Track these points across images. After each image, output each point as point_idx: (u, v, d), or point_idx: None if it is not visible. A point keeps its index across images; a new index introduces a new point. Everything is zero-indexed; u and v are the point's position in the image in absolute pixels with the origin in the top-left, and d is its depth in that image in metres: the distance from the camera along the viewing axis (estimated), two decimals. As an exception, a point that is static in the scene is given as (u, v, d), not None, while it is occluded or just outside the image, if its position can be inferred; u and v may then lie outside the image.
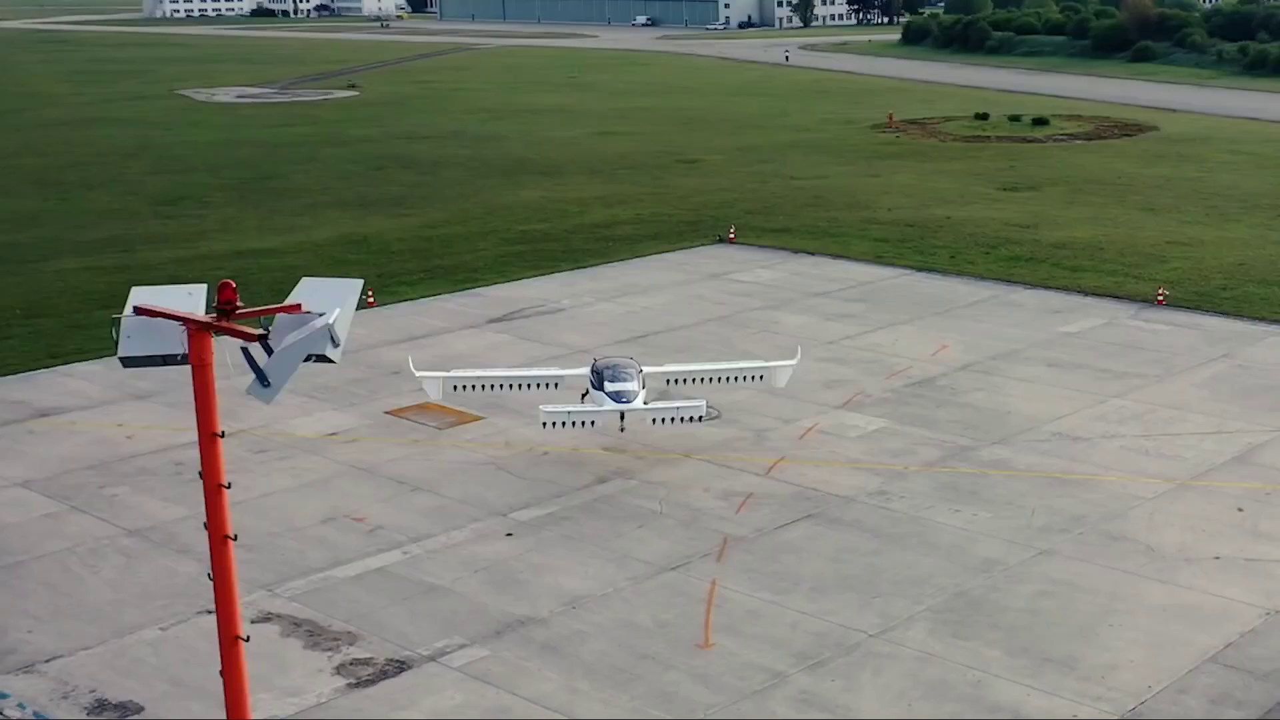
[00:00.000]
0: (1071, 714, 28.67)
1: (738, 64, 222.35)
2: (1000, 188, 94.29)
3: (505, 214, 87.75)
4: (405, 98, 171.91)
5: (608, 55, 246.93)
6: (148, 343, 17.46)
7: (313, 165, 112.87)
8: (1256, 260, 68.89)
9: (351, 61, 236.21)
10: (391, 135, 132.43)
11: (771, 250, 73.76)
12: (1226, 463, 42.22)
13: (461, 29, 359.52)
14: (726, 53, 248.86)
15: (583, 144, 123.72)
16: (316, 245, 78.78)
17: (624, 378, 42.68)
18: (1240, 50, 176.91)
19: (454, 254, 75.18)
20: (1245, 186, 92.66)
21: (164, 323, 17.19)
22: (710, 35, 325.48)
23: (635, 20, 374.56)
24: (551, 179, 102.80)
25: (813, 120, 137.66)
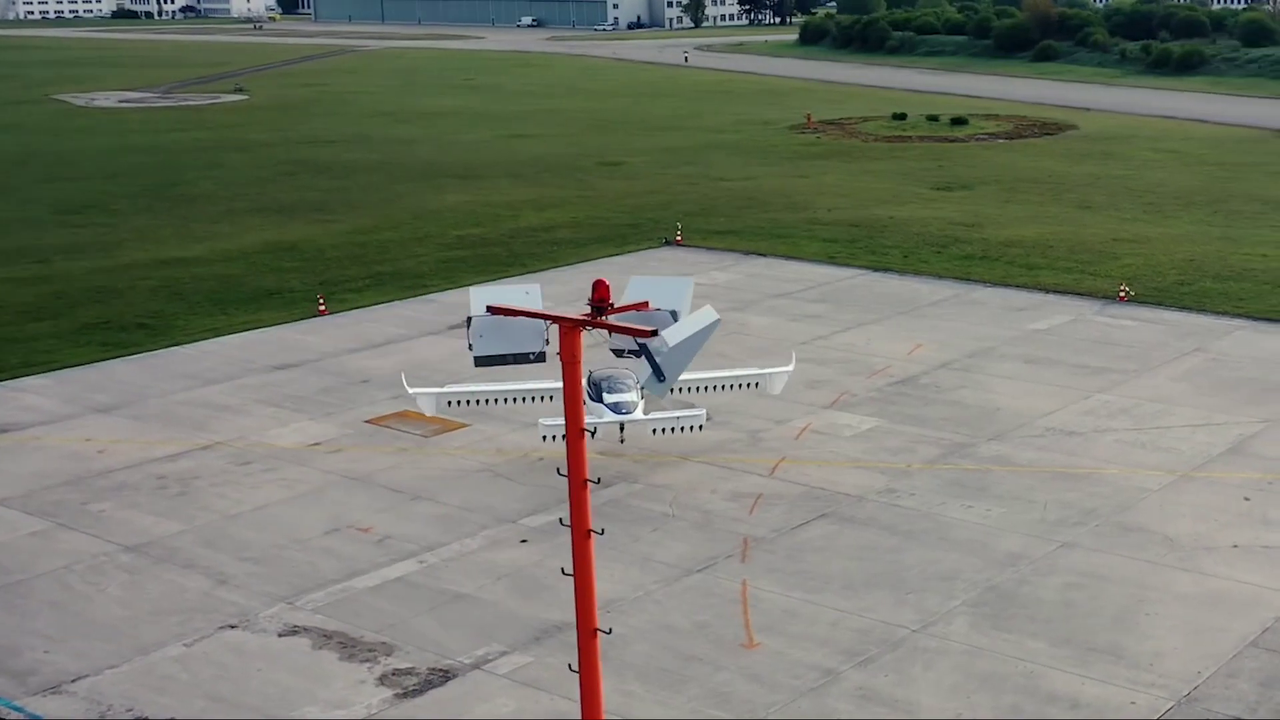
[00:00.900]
0: (1129, 700, 29.87)
1: (636, 65, 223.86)
2: (933, 187, 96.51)
3: (435, 219, 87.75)
4: (298, 101, 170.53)
5: (500, 57, 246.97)
6: (501, 342, 17.84)
7: (218, 171, 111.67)
8: (1206, 256, 71.55)
9: (232, 65, 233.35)
10: (294, 140, 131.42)
11: (721, 252, 74.81)
12: (1222, 454, 44.02)
13: (339, 30, 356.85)
14: (621, 54, 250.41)
15: (496, 147, 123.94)
16: (245, 253, 78.12)
17: (622, 389, 43.25)
18: (1143, 49, 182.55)
19: (393, 260, 75.08)
20: (1176, 184, 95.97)
21: (515, 321, 17.54)
22: (600, 36, 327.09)
23: (520, 21, 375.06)
24: (473, 183, 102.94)
25: (727, 121, 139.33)
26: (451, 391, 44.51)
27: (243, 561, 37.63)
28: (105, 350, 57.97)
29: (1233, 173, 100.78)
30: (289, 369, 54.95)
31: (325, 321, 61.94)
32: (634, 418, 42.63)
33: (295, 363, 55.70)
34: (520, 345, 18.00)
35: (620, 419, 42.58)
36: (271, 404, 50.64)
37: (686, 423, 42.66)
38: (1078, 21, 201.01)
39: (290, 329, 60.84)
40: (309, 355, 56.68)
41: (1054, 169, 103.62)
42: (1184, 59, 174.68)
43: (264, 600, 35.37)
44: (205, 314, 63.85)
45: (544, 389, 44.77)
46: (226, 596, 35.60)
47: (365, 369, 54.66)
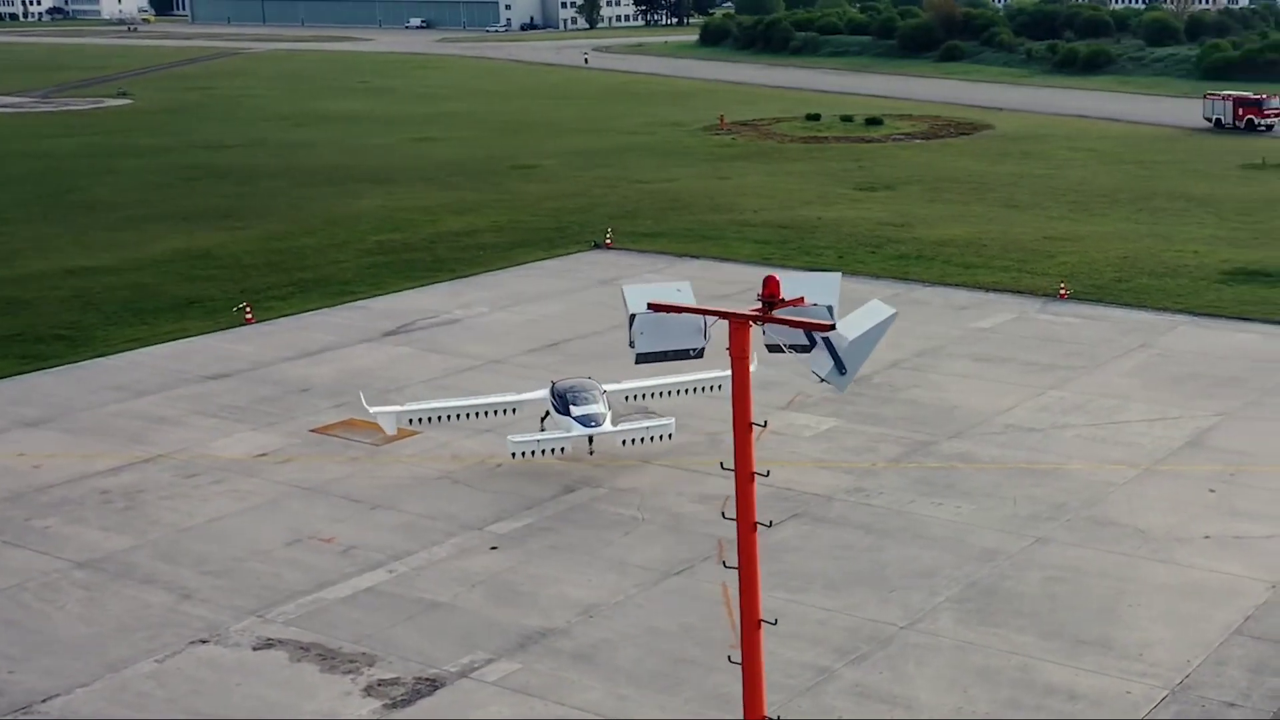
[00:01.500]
0: (1124, 690, 30.84)
1: (535, 67, 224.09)
2: (856, 187, 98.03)
3: (350, 224, 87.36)
4: (188, 105, 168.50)
5: (393, 59, 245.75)
6: (662, 339, 18.13)
7: (113, 178, 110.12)
8: (1139, 253, 73.58)
9: (111, 68, 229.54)
10: (189, 144, 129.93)
11: (653, 255, 75.43)
12: (1182, 447, 45.47)
13: (219, 32, 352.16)
14: (518, 55, 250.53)
15: (403, 150, 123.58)
16: (155, 261, 77.20)
17: (589, 400, 43.56)
18: (1049, 49, 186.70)
19: (313, 266, 74.67)
20: (1098, 182, 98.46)
21: (674, 318, 17.90)
22: (493, 37, 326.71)
23: (409, 22, 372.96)
24: (384, 187, 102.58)
25: (637, 123, 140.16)
26: (411, 410, 44.45)
27: (204, 575, 37.36)
28: (24, 363, 57.04)
29: (1152, 171, 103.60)
30: (223, 379, 54.50)
31: (254, 330, 61.50)
32: (604, 430, 42.93)
33: (229, 372, 55.25)
34: (681, 342, 18.59)
35: (590, 431, 42.87)
36: (210, 415, 50.22)
37: (656, 432, 43.14)
38: (982, 21, 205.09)
39: (218, 338, 60.31)
40: (242, 364, 56.24)
41: (975, 169, 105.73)
42: (1090, 58, 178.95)
43: (233, 614, 35.18)
44: (125, 324, 63.01)
45: (507, 401, 44.97)
46: (193, 611, 35.34)
47: (303, 377, 54.39)
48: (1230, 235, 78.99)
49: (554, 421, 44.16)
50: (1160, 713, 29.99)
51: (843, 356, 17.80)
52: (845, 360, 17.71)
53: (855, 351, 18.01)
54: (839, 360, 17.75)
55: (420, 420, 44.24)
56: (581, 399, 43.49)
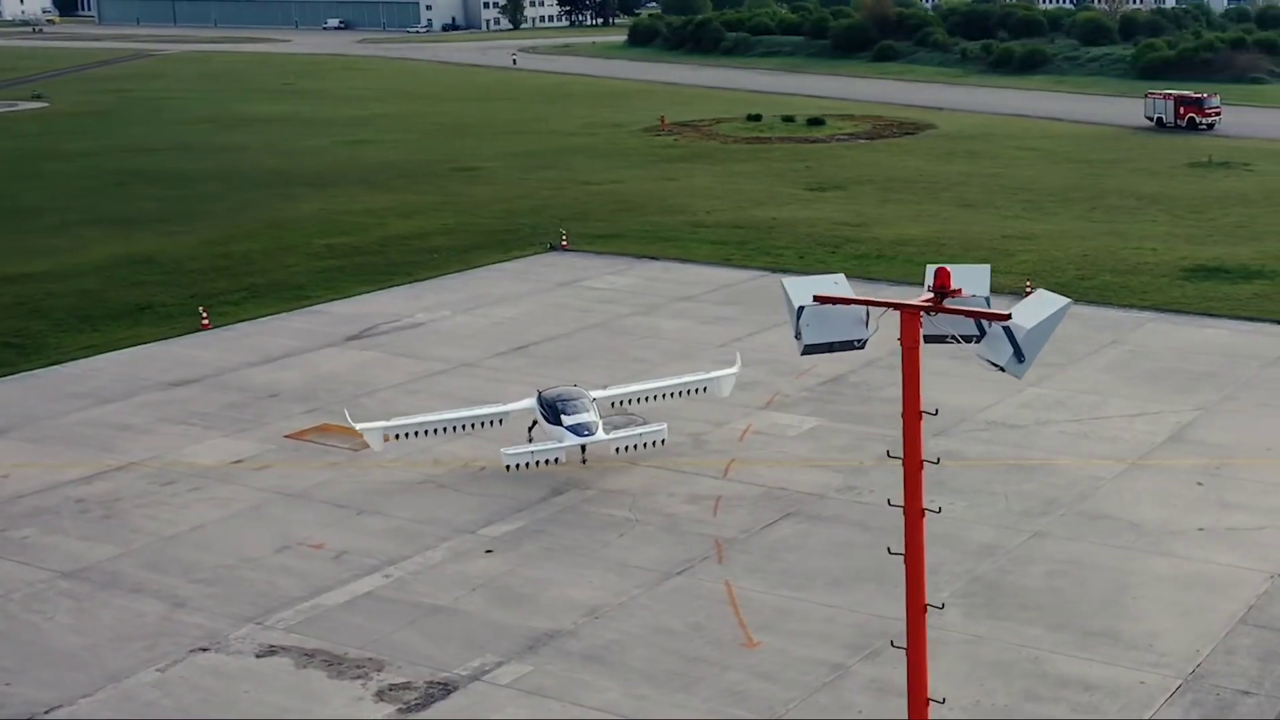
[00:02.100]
0: (1138, 680, 31.69)
1: (462, 68, 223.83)
2: (807, 188, 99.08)
3: (294, 228, 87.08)
4: (107, 108, 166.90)
5: (315, 60, 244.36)
6: (828, 330, 19.04)
7: (39, 182, 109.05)
8: (1098, 251, 75.07)
9: (20, 70, 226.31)
10: (114, 148, 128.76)
11: (612, 256, 75.86)
12: (1165, 442, 46.59)
13: (129, 34, 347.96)
14: (443, 56, 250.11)
15: (337, 153, 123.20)
16: (97, 267, 76.61)
17: (581, 409, 43.86)
18: (984, 49, 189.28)
19: (264, 271, 74.40)
20: (1048, 181, 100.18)
21: (838, 310, 18.60)
22: (415, 38, 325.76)
23: (326, 23, 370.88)
24: (324, 191, 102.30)
25: (575, 125, 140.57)
26: (397, 425, 44.51)
27: (195, 583, 37.32)
28: (-26, 372, 56.48)
29: (1100, 169, 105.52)
30: (187, 385, 54.28)
31: (212, 336, 61.28)
32: (597, 438, 43.22)
33: (192, 379, 55.02)
34: (845, 334, 19.38)
35: (583, 440, 43.16)
36: (179, 421, 50.05)
37: (649, 439, 43.53)
38: (916, 21, 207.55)
39: (176, 344, 60.03)
40: (205, 371, 56.02)
41: (924, 168, 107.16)
42: (1026, 58, 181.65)
43: (230, 621, 35.20)
44: (76, 331, 62.53)
45: (494, 412, 45.19)
46: (189, 619, 35.32)
47: (270, 383, 54.30)
48: (1185, 233, 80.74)
49: (543, 431, 44.39)
50: (1177, 701, 30.84)
51: (1021, 345, 18.36)
52: (1024, 348, 18.42)
53: (1033, 339, 18.91)
54: (1018, 349, 18.47)
55: (407, 435, 44.26)
56: (572, 408, 43.78)
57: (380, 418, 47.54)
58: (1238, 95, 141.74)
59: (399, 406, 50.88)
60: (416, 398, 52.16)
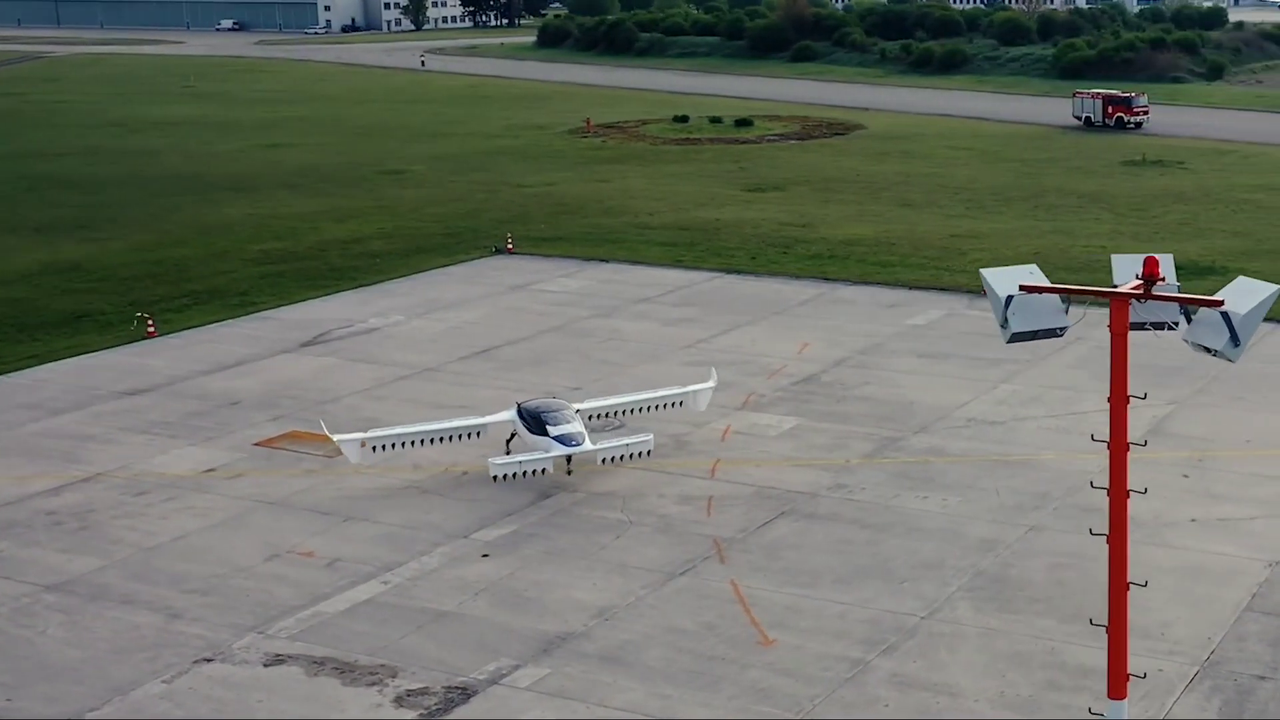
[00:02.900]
0: (1156, 668, 32.69)
1: (369, 69, 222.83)
2: (744, 189, 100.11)
3: (224, 233, 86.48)
4: (4, 112, 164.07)
5: (213, 62, 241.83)
6: (1032, 319, 20.99)
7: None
8: (1048, 249, 76.76)
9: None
10: (18, 154, 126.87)
11: (560, 259, 76.25)
12: (1145, 435, 47.83)
13: (12, 35, 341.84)
14: (347, 58, 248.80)
15: (255, 157, 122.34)
16: (23, 275, 75.69)
17: (566, 420, 44.18)
18: (904, 49, 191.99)
19: (201, 277, 73.89)
20: (986, 181, 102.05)
21: (1041, 299, 19.67)
22: (314, 39, 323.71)
23: (219, 24, 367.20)
24: (248, 195, 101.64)
25: (498, 127, 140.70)
26: (375, 436, 44.55)
27: (188, 594, 37.21)
28: (-85, 383, 55.62)
29: (1036, 169, 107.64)
30: (142, 394, 53.91)
31: (160, 344, 60.84)
32: (584, 449, 43.52)
33: (146, 387, 54.64)
34: (1048, 322, 20.52)
35: (570, 451, 43.45)
36: (140, 431, 49.73)
37: (635, 449, 43.93)
38: (834, 21, 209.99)
39: (123, 353, 59.56)
40: (158, 379, 55.65)
41: (859, 168, 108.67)
42: (947, 58, 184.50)
43: (231, 631, 35.16)
44: (14, 341, 61.75)
45: (473, 424, 45.40)
46: (187, 630, 35.23)
47: (228, 390, 54.07)
48: (1131, 230, 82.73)
49: (524, 442, 44.57)
50: (1196, 688, 31.90)
51: (1237, 329, 20.09)
52: (1240, 332, 19.59)
53: (1247, 324, 20.31)
54: (1234, 333, 19.57)
55: (385, 447, 44.31)
56: (557, 419, 44.09)
57: (349, 424, 47.83)
58: (1161, 94, 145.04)
59: (365, 413, 51.00)
60: (384, 404, 52.23)
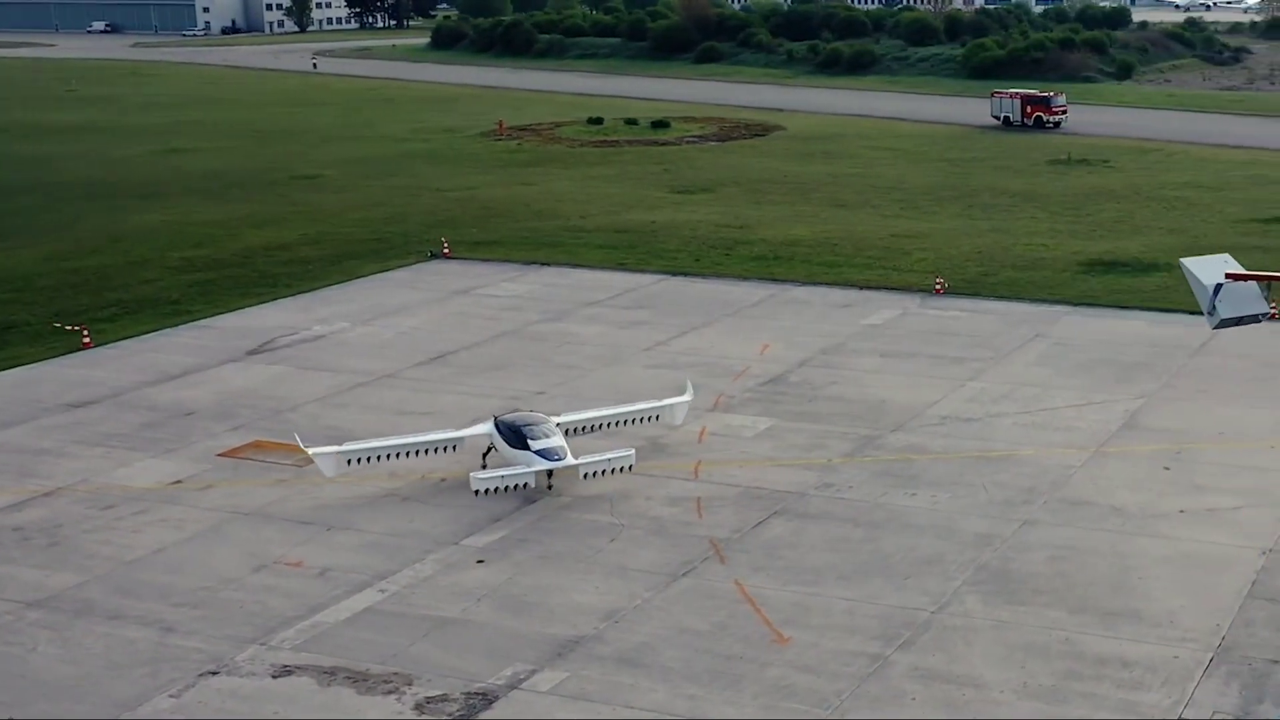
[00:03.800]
0: (1172, 655, 33.91)
1: (259, 72, 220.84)
2: (672, 190, 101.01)
3: (139, 241, 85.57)
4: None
5: (92, 65, 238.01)
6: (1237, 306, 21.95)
7: None
8: (990, 248, 78.46)
9: None
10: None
11: (499, 264, 76.53)
12: (1119, 430, 49.38)
13: None
14: (233, 60, 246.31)
15: (158, 163, 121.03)
16: (-67, 285, 74.31)
17: (547, 434, 44.50)
18: (811, 49, 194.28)
19: (126, 286, 73.17)
20: (915, 181, 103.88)
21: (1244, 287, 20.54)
22: (194, 42, 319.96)
23: (91, 26, 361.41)
24: (157, 202, 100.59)
25: (406, 130, 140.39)
26: (351, 450, 44.61)
27: (178, 607, 37.11)
28: None
29: (963, 168, 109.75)
30: (88, 406, 53.43)
31: (98, 354, 60.29)
32: (566, 463, 43.86)
33: (92, 399, 54.16)
34: (1252, 308, 21.62)
35: (552, 465, 43.76)
36: (95, 444, 49.33)
37: (617, 464, 44.34)
38: (738, 22, 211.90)
39: (60, 364, 58.94)
40: (103, 391, 55.16)
41: (786, 169, 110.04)
42: (855, 59, 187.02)
43: (230, 644, 35.16)
44: (0, 350, 60.88)
45: (449, 437, 45.64)
46: (184, 643, 35.18)
47: (179, 401, 53.76)
48: (1068, 228, 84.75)
49: (503, 456, 44.74)
50: (1213, 673, 33.12)
51: None
52: None
53: None
54: None
55: (361, 460, 44.42)
56: (538, 432, 44.39)
57: (313, 433, 48.00)
58: (1074, 94, 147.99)
59: (327, 421, 51.05)
60: (346, 411, 52.28)
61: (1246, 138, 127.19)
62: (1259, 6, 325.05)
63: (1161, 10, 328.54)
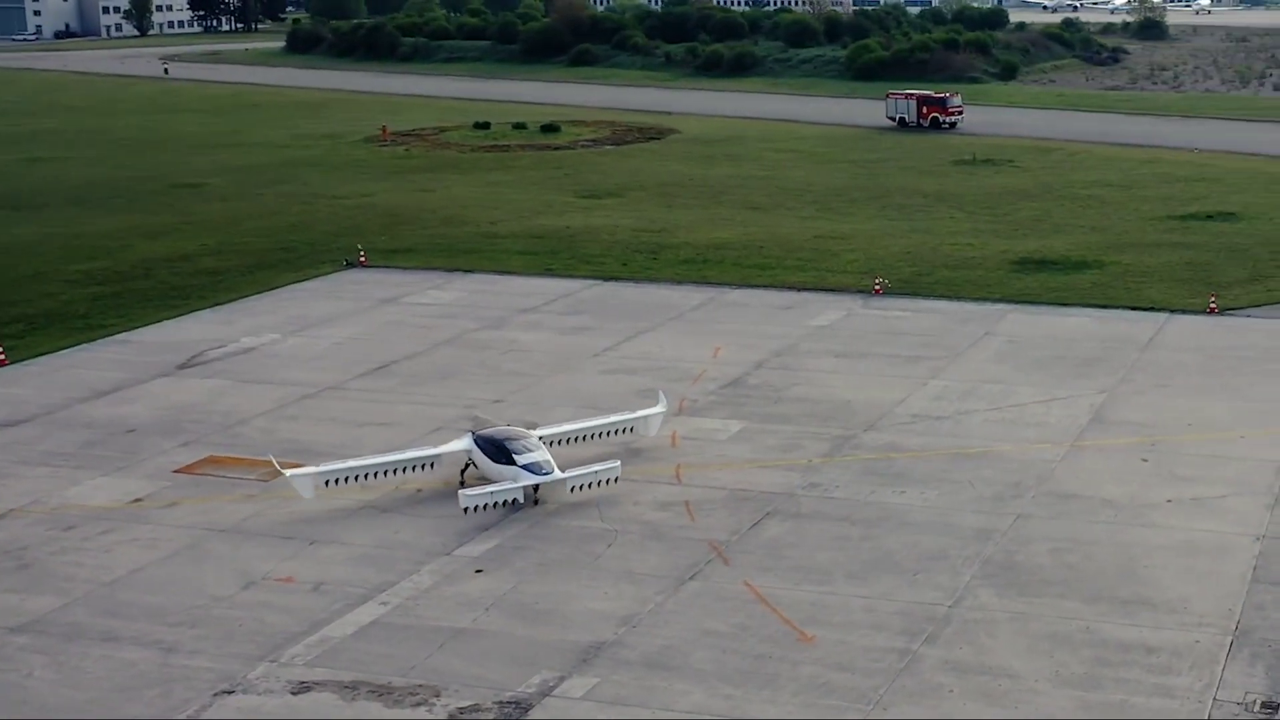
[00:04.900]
0: (1193, 640, 35.46)
1: (108, 78, 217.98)
2: (578, 195, 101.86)
3: (28, 255, 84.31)
4: None
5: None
6: None
7: None
8: (918, 248, 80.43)
9: None
10: None
11: (421, 271, 76.73)
12: (1089, 424, 51.17)
13: None
14: (77, 65, 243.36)
15: (21, 173, 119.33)
16: None
17: (532, 448, 44.95)
18: (690, 51, 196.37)
19: (26, 301, 72.25)
20: (824, 182, 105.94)
21: None
22: (27, 47, 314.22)
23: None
24: (32, 213, 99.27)
25: (283, 137, 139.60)
26: (329, 470, 44.69)
27: (174, 627, 37.01)
28: None
29: (870, 169, 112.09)
30: (20, 425, 52.84)
31: (16, 371, 59.54)
32: (553, 477, 44.34)
33: (23, 418, 53.54)
34: None
35: (539, 480, 44.21)
36: (38, 463, 48.83)
37: (604, 476, 44.92)
38: (612, 24, 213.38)
39: (-23, 382, 58.08)
40: (33, 409, 54.54)
41: (690, 173, 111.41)
42: (736, 61, 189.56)
43: (239, 662, 35.18)
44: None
45: (427, 455, 45.90)
46: (190, 663, 35.13)
47: (117, 418, 53.34)
48: (989, 228, 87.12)
49: (485, 472, 44.96)
50: (1236, 656, 34.69)
51: None
52: None
53: None
54: None
55: (339, 481, 44.54)
56: (523, 447, 44.82)
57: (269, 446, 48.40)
58: (965, 95, 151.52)
59: (283, 435, 51.05)
60: (298, 424, 52.28)
61: (1141, 136, 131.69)
62: (1126, 7, 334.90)
63: (1028, 11, 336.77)
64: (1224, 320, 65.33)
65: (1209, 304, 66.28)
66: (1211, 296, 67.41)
